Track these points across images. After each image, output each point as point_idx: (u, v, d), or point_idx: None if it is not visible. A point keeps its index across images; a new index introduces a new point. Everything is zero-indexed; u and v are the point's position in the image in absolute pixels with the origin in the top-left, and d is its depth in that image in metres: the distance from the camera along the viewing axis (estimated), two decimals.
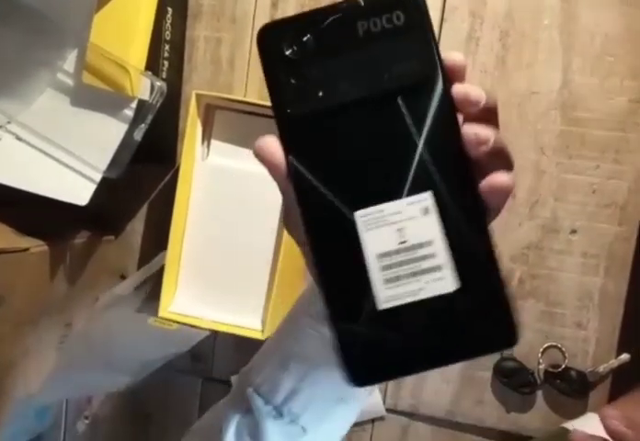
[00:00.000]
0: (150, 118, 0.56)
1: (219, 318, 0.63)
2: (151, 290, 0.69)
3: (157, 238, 0.71)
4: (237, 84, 0.68)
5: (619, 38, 0.61)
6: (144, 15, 0.57)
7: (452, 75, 0.30)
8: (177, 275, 0.64)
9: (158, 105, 0.56)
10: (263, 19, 0.67)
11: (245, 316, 0.64)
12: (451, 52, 0.31)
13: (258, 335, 0.62)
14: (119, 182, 0.59)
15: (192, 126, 0.61)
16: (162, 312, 0.63)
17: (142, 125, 0.56)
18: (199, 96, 0.61)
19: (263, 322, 0.64)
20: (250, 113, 0.62)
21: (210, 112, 0.63)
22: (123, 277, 0.72)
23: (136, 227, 0.72)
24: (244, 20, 0.67)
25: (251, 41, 0.67)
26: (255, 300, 0.64)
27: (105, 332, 0.64)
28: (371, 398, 0.68)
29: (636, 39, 0.61)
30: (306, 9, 0.64)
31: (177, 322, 0.63)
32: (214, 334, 0.70)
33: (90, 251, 0.67)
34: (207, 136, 0.63)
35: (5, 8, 0.57)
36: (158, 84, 0.56)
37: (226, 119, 0.63)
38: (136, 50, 0.57)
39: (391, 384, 0.69)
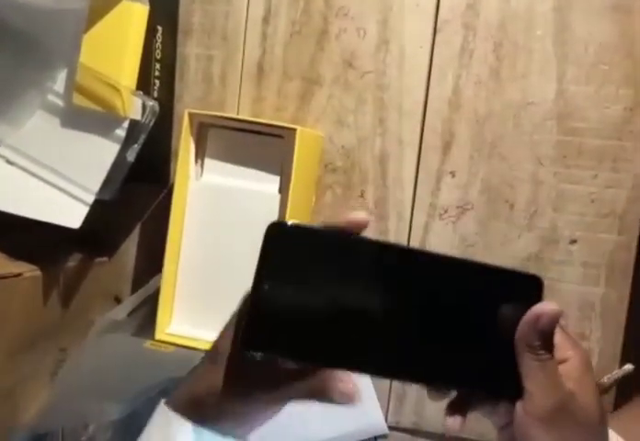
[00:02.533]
0: (143, 138, 0.55)
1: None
2: (146, 314, 0.68)
3: (151, 258, 0.70)
4: (230, 102, 0.67)
5: (612, 46, 0.61)
6: (134, 34, 0.56)
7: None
8: (172, 296, 0.63)
9: (151, 124, 0.55)
10: (254, 36, 0.66)
11: None
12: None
13: None
14: (111, 202, 0.58)
15: (185, 145, 0.60)
16: (159, 335, 0.61)
17: (135, 145, 0.55)
18: (191, 115, 0.60)
19: None
20: (243, 130, 0.62)
21: (202, 130, 0.62)
22: (117, 299, 0.71)
23: (129, 248, 0.71)
24: (235, 37, 0.66)
25: (243, 58, 0.67)
26: None
27: (100, 359, 0.63)
28: (372, 416, 0.67)
29: (630, 46, 0.60)
30: (297, 25, 0.64)
31: (175, 345, 0.62)
32: None
33: (83, 273, 0.66)
34: (200, 154, 0.63)
35: None
36: (150, 103, 0.55)
37: (219, 137, 0.62)
38: (127, 70, 0.56)
39: (393, 401, 0.68)
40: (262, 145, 0.62)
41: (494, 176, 0.63)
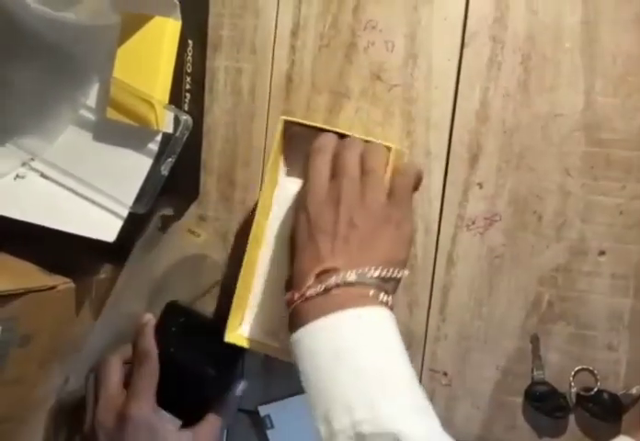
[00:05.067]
0: (177, 151, 0.55)
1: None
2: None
3: None
4: (259, 114, 0.68)
5: None
6: (168, 49, 0.57)
7: None
8: (246, 300, 0.62)
9: (185, 138, 0.56)
10: (283, 49, 0.67)
11: None
12: None
13: None
14: (138, 214, 0.59)
15: (276, 153, 0.60)
16: (228, 336, 0.60)
17: (170, 159, 0.55)
18: (286, 123, 0.60)
19: None
20: None
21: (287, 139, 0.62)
22: None
23: None
24: (263, 50, 0.67)
25: (272, 71, 0.67)
26: None
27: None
28: None
29: None
30: (325, 38, 0.64)
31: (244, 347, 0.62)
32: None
33: (114, 285, 0.66)
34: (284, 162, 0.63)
35: (27, 46, 0.57)
36: (184, 117, 0.55)
37: (301, 146, 0.62)
38: (160, 84, 0.57)
39: None
40: None
41: (522, 188, 0.64)
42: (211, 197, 0.70)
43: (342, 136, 0.59)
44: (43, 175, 0.59)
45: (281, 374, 0.70)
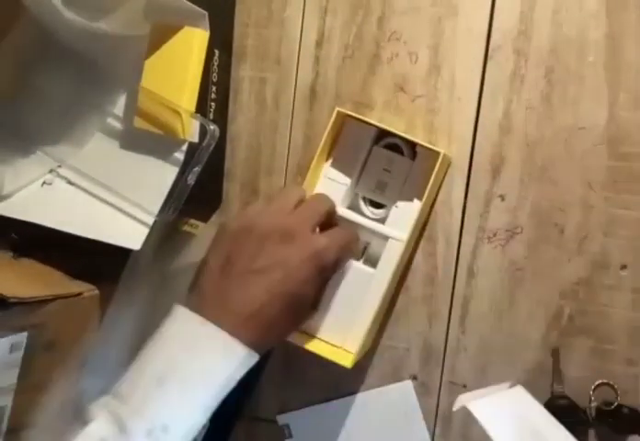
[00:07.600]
0: (204, 161, 0.56)
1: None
2: None
3: None
4: (282, 124, 0.68)
5: None
6: (195, 59, 0.58)
7: None
8: None
9: (211, 148, 0.56)
10: (307, 60, 0.67)
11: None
12: None
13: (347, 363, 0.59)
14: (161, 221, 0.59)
15: (325, 143, 0.62)
16: None
17: (196, 168, 0.56)
18: (339, 114, 0.61)
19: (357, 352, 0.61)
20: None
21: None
22: None
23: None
24: (288, 61, 0.68)
25: (296, 81, 0.68)
26: (356, 329, 0.61)
27: None
28: (418, 438, 0.68)
29: None
30: (349, 49, 0.65)
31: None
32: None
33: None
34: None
35: (57, 54, 0.58)
36: (212, 127, 0.56)
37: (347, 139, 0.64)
38: (187, 94, 0.57)
39: (439, 423, 0.68)
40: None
41: (544, 200, 0.64)
42: (233, 206, 0.70)
43: (390, 134, 0.63)
44: (70, 182, 0.60)
45: (300, 383, 0.70)
